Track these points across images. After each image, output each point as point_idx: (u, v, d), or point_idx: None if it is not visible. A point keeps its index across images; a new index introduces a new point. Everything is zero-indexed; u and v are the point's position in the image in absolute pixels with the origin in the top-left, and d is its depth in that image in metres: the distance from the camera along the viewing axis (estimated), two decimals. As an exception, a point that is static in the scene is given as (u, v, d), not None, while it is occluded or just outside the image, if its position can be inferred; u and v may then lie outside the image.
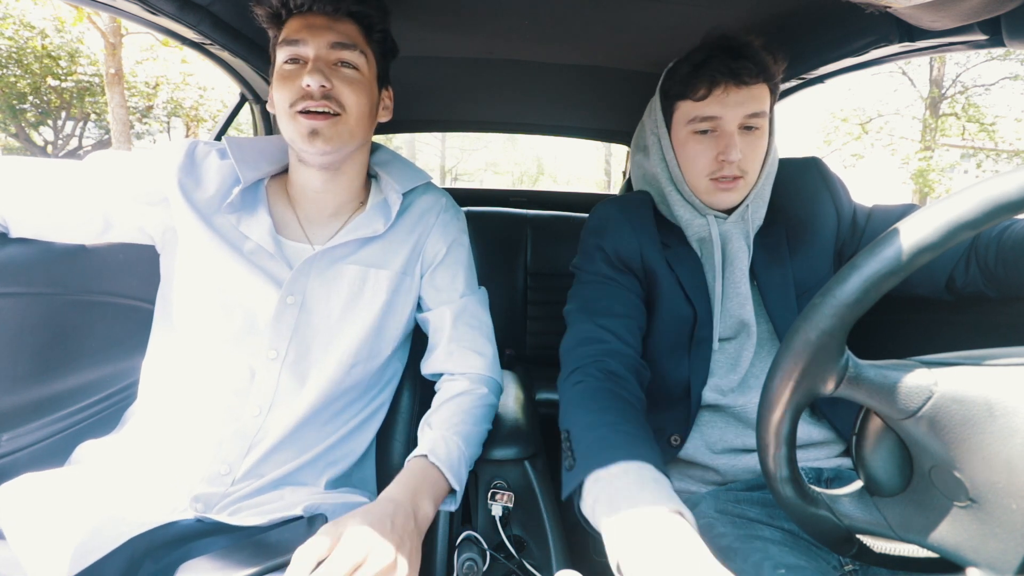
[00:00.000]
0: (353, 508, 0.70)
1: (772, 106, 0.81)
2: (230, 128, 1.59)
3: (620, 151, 2.36)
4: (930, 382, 0.40)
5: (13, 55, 8.73)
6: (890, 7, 0.65)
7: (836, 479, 0.77)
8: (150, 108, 10.84)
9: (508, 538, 0.71)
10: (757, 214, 0.83)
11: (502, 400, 0.89)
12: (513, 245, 1.89)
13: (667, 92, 0.83)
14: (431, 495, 0.64)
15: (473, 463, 0.74)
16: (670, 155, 0.83)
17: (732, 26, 1.00)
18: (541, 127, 2.05)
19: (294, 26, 0.71)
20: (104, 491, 0.64)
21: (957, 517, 0.42)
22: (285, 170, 0.82)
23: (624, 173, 2.35)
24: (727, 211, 0.83)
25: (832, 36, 0.98)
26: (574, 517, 0.62)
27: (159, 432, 0.71)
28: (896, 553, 0.48)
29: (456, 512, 0.73)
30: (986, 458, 0.38)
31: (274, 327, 0.72)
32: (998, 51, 7.89)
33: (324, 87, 0.69)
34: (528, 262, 1.89)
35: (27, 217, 0.71)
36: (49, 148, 10.27)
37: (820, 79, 1.14)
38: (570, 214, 2.00)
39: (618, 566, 0.49)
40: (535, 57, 1.30)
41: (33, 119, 9.99)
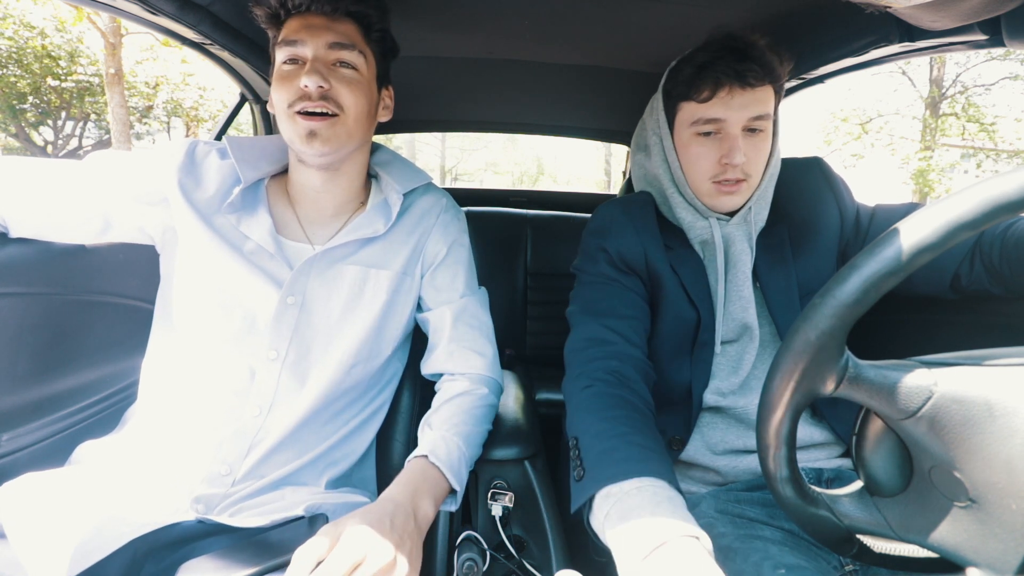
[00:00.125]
0: (354, 508, 0.70)
1: (777, 107, 0.79)
2: (230, 128, 1.60)
3: (620, 151, 2.36)
4: (930, 382, 0.40)
5: (13, 55, 8.73)
6: (890, 7, 0.65)
7: (836, 480, 0.77)
8: (150, 108, 10.83)
9: (508, 538, 0.71)
10: (760, 216, 0.82)
11: (502, 400, 0.88)
12: (513, 245, 1.90)
13: (670, 92, 0.81)
14: (431, 495, 0.64)
15: (473, 463, 0.74)
16: (672, 156, 0.81)
17: (732, 26, 1.00)
18: (541, 127, 2.05)
19: (292, 26, 0.71)
20: (105, 491, 0.64)
21: (957, 517, 0.41)
22: (285, 170, 0.82)
23: (624, 173, 2.35)
24: (729, 213, 0.82)
25: (832, 36, 0.98)
26: (574, 517, 0.62)
27: (159, 432, 0.71)
28: (896, 553, 0.48)
29: (456, 512, 0.73)
30: (986, 458, 0.38)
31: (274, 327, 0.72)
32: (998, 51, 7.88)
33: (322, 87, 0.69)
34: (528, 262, 1.89)
35: (27, 217, 0.71)
36: (49, 148, 10.26)
37: (820, 79, 1.14)
38: (570, 214, 2.00)
39: None
40: (535, 57, 1.30)
41: (33, 119, 9.99)
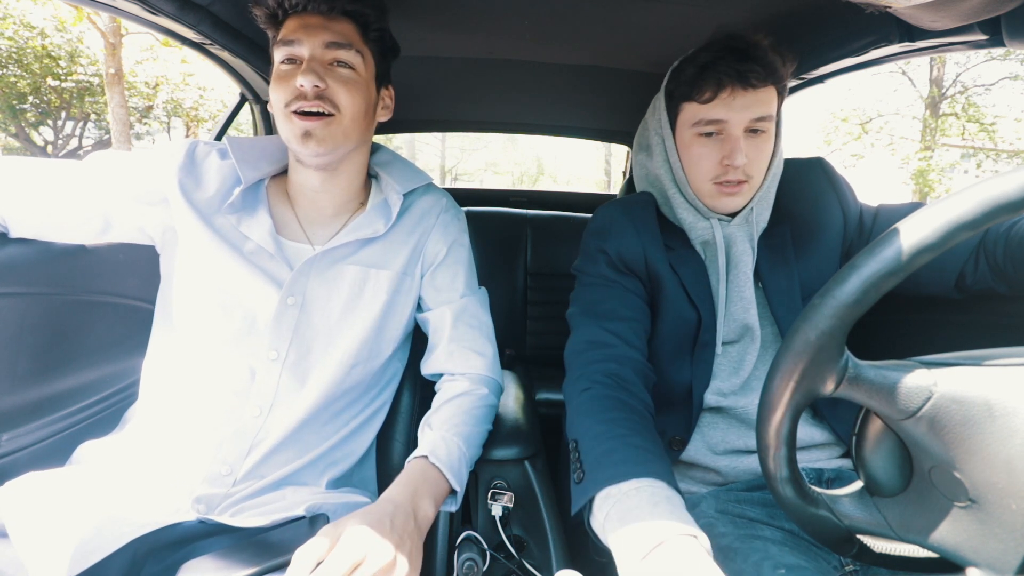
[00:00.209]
0: (355, 508, 0.70)
1: (779, 108, 0.79)
2: (230, 128, 1.60)
3: (620, 151, 2.36)
4: (930, 382, 0.40)
5: (13, 55, 8.73)
6: (890, 7, 0.65)
7: (837, 480, 0.77)
8: (150, 108, 10.83)
9: (508, 538, 0.71)
10: (761, 216, 0.82)
11: (502, 400, 0.88)
12: (513, 245, 1.90)
13: (672, 93, 0.81)
14: (431, 496, 0.64)
15: (473, 464, 0.74)
16: (674, 157, 0.81)
17: (733, 26, 1.00)
18: (541, 127, 2.05)
19: (290, 26, 0.71)
20: (105, 491, 0.64)
21: (957, 517, 0.41)
22: (285, 170, 0.82)
23: (624, 173, 2.35)
24: (731, 214, 0.82)
25: (832, 36, 0.98)
26: (574, 518, 0.62)
27: (160, 432, 0.71)
28: (896, 553, 0.48)
29: (456, 512, 0.73)
30: (986, 458, 0.38)
31: (274, 328, 0.72)
32: (998, 51, 7.88)
33: (318, 87, 0.69)
34: (528, 262, 1.89)
35: (27, 217, 0.71)
36: (49, 148, 10.26)
37: (820, 79, 1.14)
38: (570, 214, 2.00)
39: None
40: (535, 57, 1.30)
41: (33, 119, 9.99)
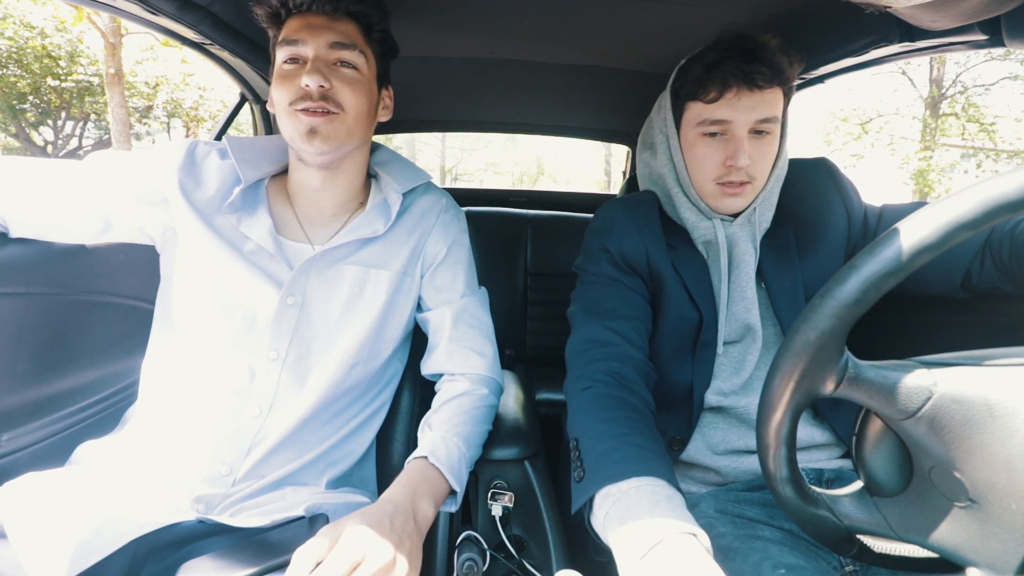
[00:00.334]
0: (355, 508, 0.70)
1: (785, 110, 0.78)
2: (230, 128, 1.60)
3: (620, 151, 2.36)
4: (930, 382, 0.40)
5: (13, 55, 8.73)
6: (890, 7, 0.65)
7: (837, 480, 0.77)
8: (150, 108, 10.82)
9: (508, 538, 0.71)
10: (764, 217, 0.82)
11: (502, 400, 0.88)
12: (513, 245, 1.90)
13: (678, 91, 0.80)
14: (431, 496, 0.64)
15: (473, 464, 0.74)
16: (678, 156, 0.81)
17: (733, 26, 1.00)
18: (541, 127, 2.05)
19: (293, 26, 0.71)
20: (106, 491, 0.64)
21: (957, 517, 0.41)
22: (285, 170, 0.82)
23: (624, 173, 2.35)
24: (734, 214, 0.81)
25: (832, 36, 0.98)
26: (574, 517, 0.62)
27: (159, 433, 0.71)
28: (896, 553, 0.48)
29: (456, 512, 0.73)
30: (986, 458, 0.38)
31: (274, 328, 0.72)
32: (998, 51, 7.89)
33: (323, 87, 0.69)
34: (528, 262, 1.89)
35: (27, 217, 0.71)
36: (49, 148, 10.26)
37: (820, 79, 1.14)
38: (570, 214, 2.00)
39: None
40: (535, 57, 1.30)
41: (33, 119, 9.98)
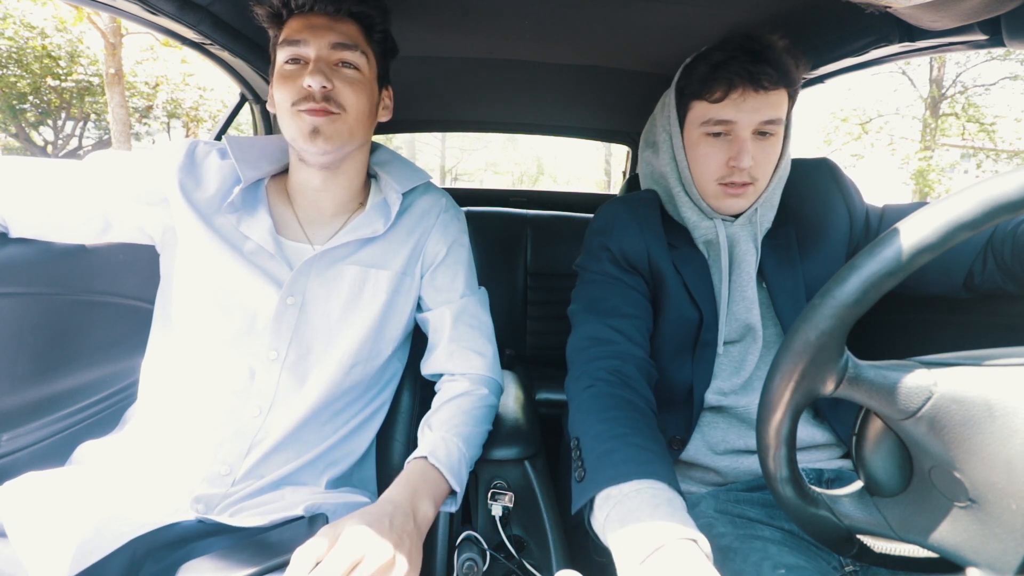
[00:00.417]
0: (355, 508, 0.70)
1: (790, 112, 0.78)
2: (230, 128, 1.60)
3: (620, 151, 2.36)
4: (930, 382, 0.40)
5: (13, 55, 8.73)
6: (890, 7, 0.65)
7: (837, 480, 0.77)
8: (150, 108, 10.82)
9: (508, 538, 0.71)
10: (766, 217, 0.82)
11: (502, 400, 0.88)
12: (513, 245, 1.89)
13: (683, 90, 0.80)
14: (431, 496, 0.64)
15: (473, 464, 0.74)
16: (681, 155, 0.81)
17: (733, 26, 1.00)
18: (541, 127, 2.05)
19: (295, 26, 0.71)
20: (105, 491, 0.64)
21: (957, 517, 0.42)
22: (285, 170, 0.82)
23: (624, 173, 2.35)
24: (735, 215, 0.81)
25: (832, 36, 0.98)
26: (574, 517, 0.62)
27: (159, 432, 0.71)
28: (896, 553, 0.48)
29: (456, 512, 0.73)
30: (986, 458, 0.38)
31: (274, 328, 0.72)
32: (998, 51, 7.89)
33: (325, 88, 0.69)
34: (528, 262, 1.89)
35: (27, 217, 0.71)
36: (49, 148, 10.26)
37: (820, 79, 1.14)
38: (570, 214, 2.00)
39: None
40: (535, 57, 1.30)
41: (33, 119, 9.98)
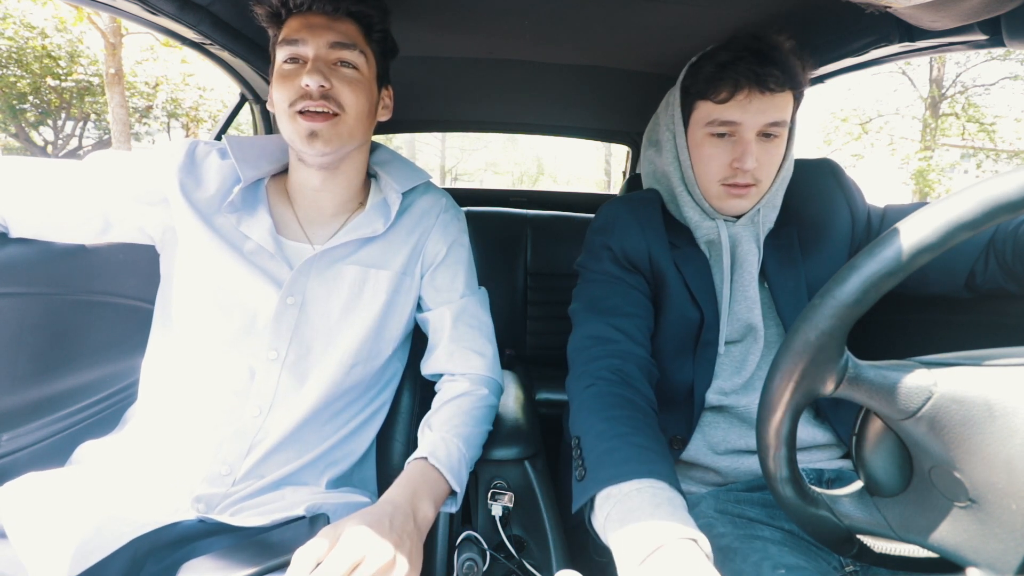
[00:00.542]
0: (355, 508, 0.70)
1: (794, 114, 0.78)
2: (230, 128, 1.60)
3: (620, 151, 2.36)
4: (930, 382, 0.40)
5: (13, 55, 8.73)
6: (890, 7, 0.65)
7: (837, 480, 0.77)
8: (150, 108, 10.83)
9: (508, 538, 0.71)
10: (768, 217, 0.82)
11: (502, 400, 0.88)
12: (513, 245, 1.89)
13: (688, 89, 0.80)
14: (431, 496, 0.64)
15: (473, 464, 0.74)
16: (684, 155, 0.80)
17: (734, 26, 1.00)
18: (541, 127, 2.05)
19: (294, 25, 0.71)
20: (106, 491, 0.64)
21: (957, 517, 0.42)
22: (285, 170, 0.82)
23: (624, 173, 2.35)
24: (737, 215, 0.81)
25: (832, 36, 0.98)
26: (575, 517, 0.62)
27: (159, 432, 0.71)
28: (896, 553, 0.48)
29: (456, 512, 0.73)
30: (986, 458, 0.38)
31: (274, 327, 0.72)
32: (998, 51, 7.89)
33: (323, 87, 0.69)
34: (528, 262, 1.89)
35: (27, 217, 0.71)
36: (49, 148, 10.26)
37: (820, 79, 1.14)
38: (570, 214, 2.00)
39: None
40: (535, 57, 1.30)
41: (33, 119, 9.98)
